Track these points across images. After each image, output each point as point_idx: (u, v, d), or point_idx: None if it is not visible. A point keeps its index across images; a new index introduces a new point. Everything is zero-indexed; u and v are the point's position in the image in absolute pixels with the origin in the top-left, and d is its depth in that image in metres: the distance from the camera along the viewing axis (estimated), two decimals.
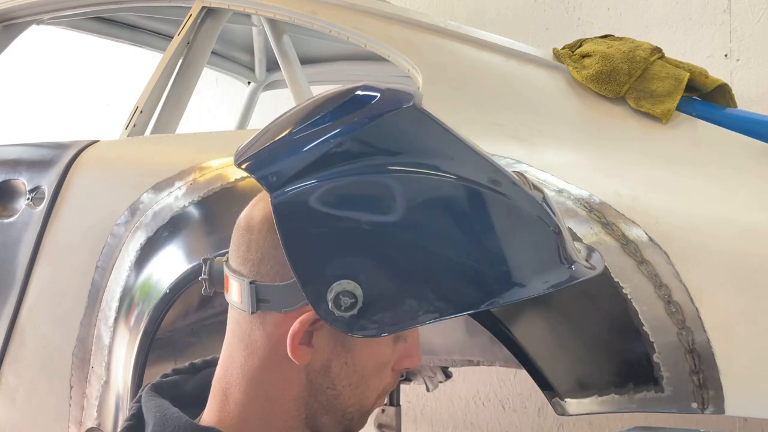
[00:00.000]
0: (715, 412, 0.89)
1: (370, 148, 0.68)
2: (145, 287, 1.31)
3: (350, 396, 0.73)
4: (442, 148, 0.71)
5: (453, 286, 0.67)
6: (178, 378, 0.82)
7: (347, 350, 0.71)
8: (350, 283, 0.65)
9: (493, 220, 0.69)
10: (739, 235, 0.94)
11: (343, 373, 0.72)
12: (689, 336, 0.91)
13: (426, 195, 0.68)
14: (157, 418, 0.73)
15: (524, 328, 0.96)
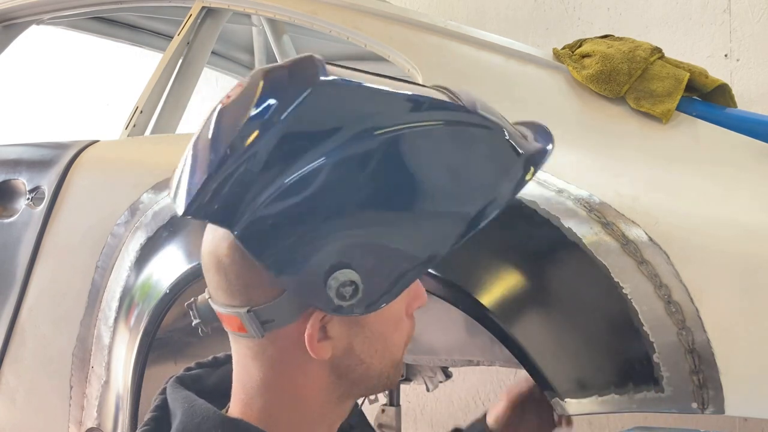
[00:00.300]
0: (715, 412, 0.89)
1: (301, 142, 0.66)
2: (145, 287, 1.31)
3: (380, 360, 0.74)
4: (365, 107, 0.69)
5: (433, 229, 0.68)
6: (201, 372, 0.82)
7: (363, 325, 0.72)
8: (344, 273, 0.65)
9: (444, 153, 0.70)
10: (739, 235, 0.94)
11: (367, 347, 0.72)
12: (689, 336, 0.91)
13: (375, 160, 0.67)
14: (186, 408, 0.73)
15: (524, 328, 0.96)
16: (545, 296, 0.98)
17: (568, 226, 0.97)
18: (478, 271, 1.00)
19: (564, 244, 0.97)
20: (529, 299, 0.98)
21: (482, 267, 1.00)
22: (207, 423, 0.71)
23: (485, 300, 0.97)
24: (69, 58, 3.61)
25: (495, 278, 0.99)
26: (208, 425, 0.71)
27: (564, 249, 0.97)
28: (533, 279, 0.99)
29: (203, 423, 0.71)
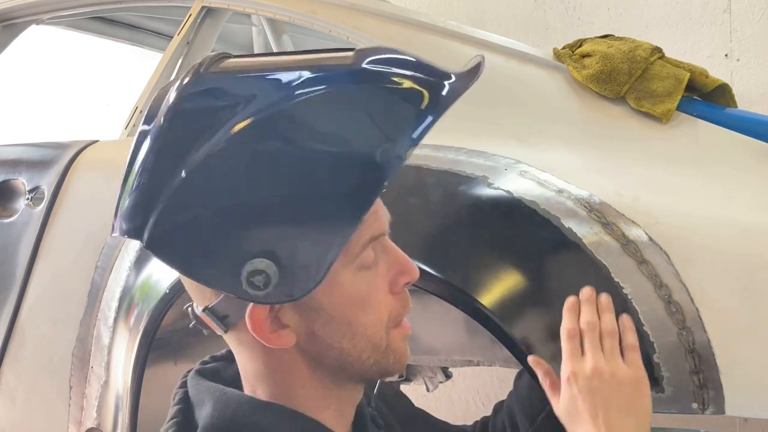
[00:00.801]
0: (716, 412, 0.89)
1: (177, 147, 0.66)
2: (144, 287, 1.31)
3: (354, 345, 0.71)
4: (246, 95, 0.68)
5: (335, 200, 0.65)
6: (218, 365, 0.82)
7: (317, 310, 0.70)
8: (252, 263, 0.63)
9: (328, 119, 0.67)
10: (739, 235, 0.94)
11: (330, 331, 0.70)
12: (689, 336, 0.91)
13: (252, 146, 0.65)
14: (217, 396, 0.73)
15: (524, 329, 0.96)
16: (545, 296, 0.98)
17: (568, 226, 0.97)
18: (478, 271, 1.00)
19: (564, 244, 0.97)
20: (529, 299, 0.98)
21: (482, 267, 1.00)
22: (242, 408, 0.72)
23: (485, 300, 0.97)
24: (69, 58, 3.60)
25: (495, 278, 0.99)
26: (243, 410, 0.71)
27: (564, 249, 0.97)
28: (533, 279, 0.99)
29: (238, 409, 0.72)
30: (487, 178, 1.05)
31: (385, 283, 0.73)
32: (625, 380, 0.84)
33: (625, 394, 0.83)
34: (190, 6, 1.70)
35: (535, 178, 1.03)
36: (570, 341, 0.87)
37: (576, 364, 0.86)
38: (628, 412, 0.82)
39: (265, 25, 2.30)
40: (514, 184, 1.03)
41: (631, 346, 0.88)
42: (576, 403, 0.84)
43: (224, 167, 0.65)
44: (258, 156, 0.65)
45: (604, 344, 0.87)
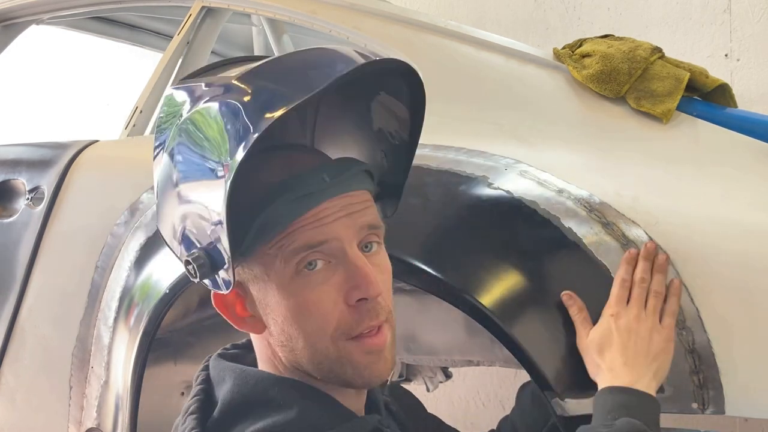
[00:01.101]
0: (716, 412, 0.89)
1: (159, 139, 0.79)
2: (144, 287, 1.31)
3: (303, 348, 0.75)
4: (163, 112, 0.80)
5: (204, 195, 0.72)
6: (238, 351, 0.86)
7: (266, 305, 0.75)
8: (183, 255, 0.74)
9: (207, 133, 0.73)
10: (739, 235, 0.94)
11: (278, 329, 0.75)
12: (689, 336, 0.91)
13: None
14: (238, 374, 0.78)
15: (524, 328, 0.96)
16: (545, 296, 0.98)
17: (568, 226, 0.97)
18: (478, 272, 1.00)
19: (564, 244, 0.97)
20: (529, 299, 0.98)
21: (482, 267, 1.00)
22: (262, 383, 0.76)
23: (485, 300, 0.97)
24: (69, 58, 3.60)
25: (495, 278, 0.99)
26: (264, 385, 0.76)
27: (564, 249, 0.97)
28: (533, 279, 0.99)
29: (258, 384, 0.76)
30: (487, 178, 1.05)
31: (338, 293, 0.74)
32: (657, 337, 0.89)
33: (655, 345, 0.89)
34: (190, 6, 1.70)
35: (535, 178, 1.03)
36: (621, 288, 0.92)
37: (620, 308, 0.91)
38: (654, 359, 0.88)
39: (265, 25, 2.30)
40: (514, 184, 1.03)
41: (671, 311, 0.91)
42: (611, 336, 0.90)
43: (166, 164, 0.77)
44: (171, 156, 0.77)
45: (649, 302, 0.91)
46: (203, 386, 0.81)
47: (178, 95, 0.78)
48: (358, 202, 0.75)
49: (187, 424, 0.75)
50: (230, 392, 0.76)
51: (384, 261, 0.79)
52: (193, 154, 0.73)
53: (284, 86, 0.71)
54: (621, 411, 0.82)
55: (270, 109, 0.68)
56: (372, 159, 0.83)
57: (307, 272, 0.73)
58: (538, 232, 0.99)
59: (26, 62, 3.57)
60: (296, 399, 0.74)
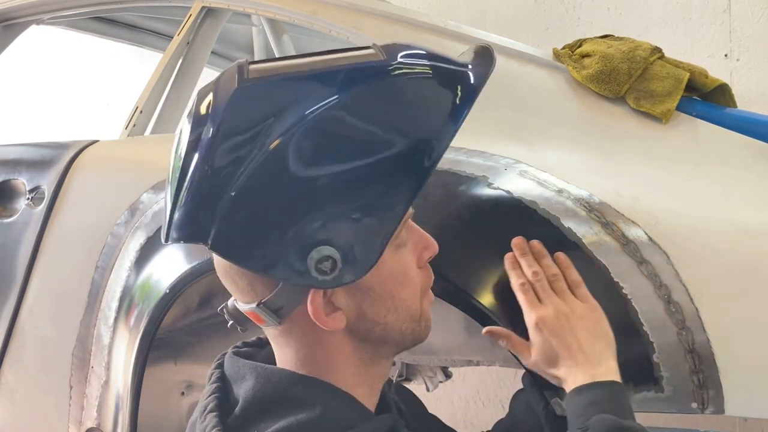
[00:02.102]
0: (715, 412, 0.89)
1: (237, 150, 0.69)
2: (145, 287, 1.31)
3: (395, 317, 0.78)
4: (287, 97, 0.71)
5: (387, 186, 0.70)
6: (251, 350, 0.86)
7: (366, 290, 0.76)
8: (318, 251, 0.69)
9: (371, 112, 0.71)
10: (739, 235, 0.94)
11: (377, 308, 0.77)
12: (689, 336, 0.91)
13: (309, 142, 0.69)
14: (259, 372, 0.77)
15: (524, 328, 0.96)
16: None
17: (568, 226, 0.97)
18: (478, 271, 1.00)
19: (564, 244, 0.97)
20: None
21: (482, 267, 1.00)
22: (285, 382, 0.76)
23: (485, 300, 0.97)
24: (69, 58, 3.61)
25: (495, 278, 0.99)
26: (286, 383, 0.76)
27: (564, 249, 0.97)
28: None
29: (282, 382, 0.76)
30: (487, 178, 1.05)
31: (413, 259, 0.80)
32: (584, 313, 0.90)
33: (587, 323, 0.89)
34: (190, 6, 1.70)
35: (535, 178, 1.04)
36: (525, 294, 0.93)
37: (538, 312, 0.91)
38: (596, 337, 0.89)
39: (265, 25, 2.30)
40: (513, 184, 1.03)
41: (576, 282, 0.93)
42: (550, 345, 0.89)
43: (279, 168, 0.69)
44: (313, 157, 0.69)
45: (554, 287, 0.93)
46: (219, 384, 0.81)
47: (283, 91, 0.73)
48: None
49: (208, 422, 0.75)
50: (252, 390, 0.76)
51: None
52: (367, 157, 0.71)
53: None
54: (590, 410, 0.83)
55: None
56: None
57: (402, 245, 0.78)
58: (538, 231, 0.99)
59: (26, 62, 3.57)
60: (320, 398, 0.75)
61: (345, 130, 0.70)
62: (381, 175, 0.70)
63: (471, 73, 0.77)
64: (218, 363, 0.84)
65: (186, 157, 0.72)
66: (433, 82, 0.75)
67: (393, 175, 0.71)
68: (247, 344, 0.88)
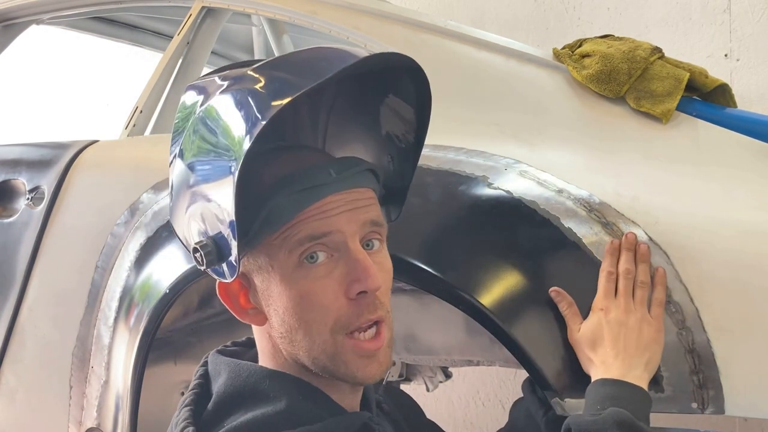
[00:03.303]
0: (715, 412, 0.89)
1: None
2: (144, 287, 1.31)
3: (300, 339, 0.76)
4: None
5: (217, 190, 0.73)
6: (237, 349, 0.88)
7: (268, 297, 0.76)
8: (191, 245, 0.76)
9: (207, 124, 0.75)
10: (739, 235, 0.94)
11: (279, 320, 0.76)
12: (689, 336, 0.91)
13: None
14: (232, 367, 0.80)
15: (524, 328, 0.96)
16: (545, 296, 0.98)
17: (568, 226, 0.97)
18: (478, 271, 1.00)
19: (564, 244, 0.97)
20: (528, 299, 0.98)
21: (482, 267, 1.00)
22: (254, 376, 0.78)
23: (485, 300, 0.97)
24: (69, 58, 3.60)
25: (495, 278, 0.99)
26: (255, 378, 0.78)
27: (564, 249, 0.97)
28: (533, 279, 0.99)
29: (251, 377, 0.78)
30: (487, 178, 1.05)
31: (339, 287, 0.75)
32: (647, 327, 0.90)
33: (645, 337, 0.90)
34: (190, 6, 1.70)
35: (535, 178, 1.03)
36: (606, 281, 0.93)
37: (609, 302, 0.92)
38: (645, 350, 0.89)
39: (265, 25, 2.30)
40: (513, 184, 1.03)
41: (658, 300, 0.92)
42: (602, 330, 0.91)
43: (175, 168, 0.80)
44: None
45: (636, 293, 0.93)
46: (201, 380, 0.83)
47: (189, 97, 0.80)
48: (362, 198, 0.77)
49: (181, 415, 0.77)
50: (224, 385, 0.78)
51: (385, 260, 0.80)
52: (207, 151, 0.74)
53: (295, 75, 0.72)
54: (609, 402, 0.83)
55: (279, 98, 0.69)
56: (379, 163, 0.86)
57: (309, 264, 0.74)
58: (538, 232, 0.99)
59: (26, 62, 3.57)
60: (286, 392, 0.76)
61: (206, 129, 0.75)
62: (208, 180, 0.74)
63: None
64: (204, 361, 0.85)
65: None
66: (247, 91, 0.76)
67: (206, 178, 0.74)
68: (236, 344, 0.89)
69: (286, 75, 0.73)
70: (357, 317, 0.75)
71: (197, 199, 0.75)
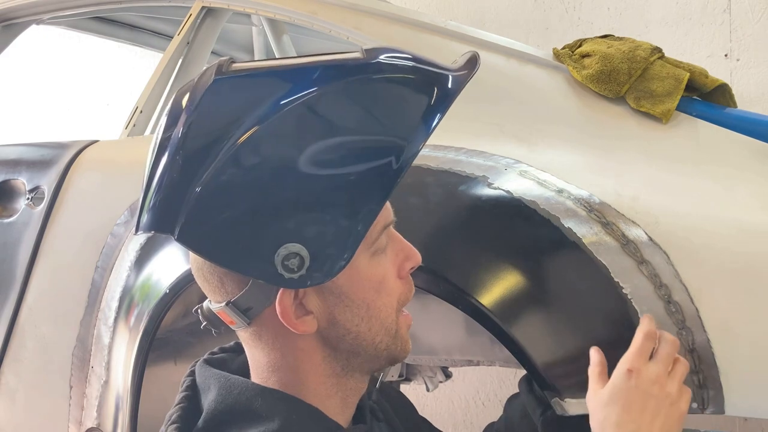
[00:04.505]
0: (715, 412, 0.89)
1: (208, 142, 0.69)
2: (144, 287, 1.31)
3: (369, 328, 0.75)
4: (265, 89, 0.71)
5: (358, 187, 0.69)
6: (225, 356, 0.85)
7: (339, 295, 0.74)
8: (286, 247, 0.67)
9: (347, 108, 0.70)
10: (739, 235, 0.94)
11: (349, 315, 0.74)
12: (689, 336, 0.91)
13: (281, 136, 0.69)
14: (222, 383, 0.77)
15: (524, 328, 0.96)
16: (545, 296, 0.98)
17: (568, 226, 0.97)
18: (478, 271, 1.00)
19: (564, 244, 0.97)
20: (528, 299, 0.98)
21: (482, 267, 1.00)
22: (246, 393, 0.75)
23: (485, 300, 0.97)
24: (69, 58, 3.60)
25: (495, 278, 0.99)
26: (247, 395, 0.75)
27: (564, 249, 0.97)
28: (533, 279, 0.99)
29: (242, 394, 0.75)
30: (487, 178, 1.05)
31: (393, 268, 0.77)
32: (675, 405, 0.82)
33: (671, 414, 0.81)
34: (190, 6, 1.70)
35: (535, 178, 1.03)
36: (646, 341, 0.84)
37: (642, 363, 0.82)
38: (668, 429, 0.81)
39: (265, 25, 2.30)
40: (513, 183, 1.03)
41: (687, 387, 0.85)
42: (628, 395, 0.81)
43: (251, 165, 0.68)
44: (283, 152, 0.68)
45: (676, 367, 0.84)
46: (188, 393, 0.80)
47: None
48: None
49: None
50: (214, 402, 0.75)
51: None
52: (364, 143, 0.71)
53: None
54: None
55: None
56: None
57: (381, 252, 0.76)
58: (538, 231, 0.99)
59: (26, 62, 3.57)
60: (279, 411, 0.73)
61: (317, 126, 0.69)
62: (351, 179, 0.69)
63: (450, 76, 0.75)
64: (191, 370, 0.83)
65: (160, 147, 0.71)
66: (410, 81, 0.74)
67: (362, 175, 0.69)
68: (224, 350, 0.86)
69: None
70: (409, 293, 0.80)
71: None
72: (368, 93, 0.72)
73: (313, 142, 0.68)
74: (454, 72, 0.76)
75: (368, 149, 0.70)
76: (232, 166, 0.68)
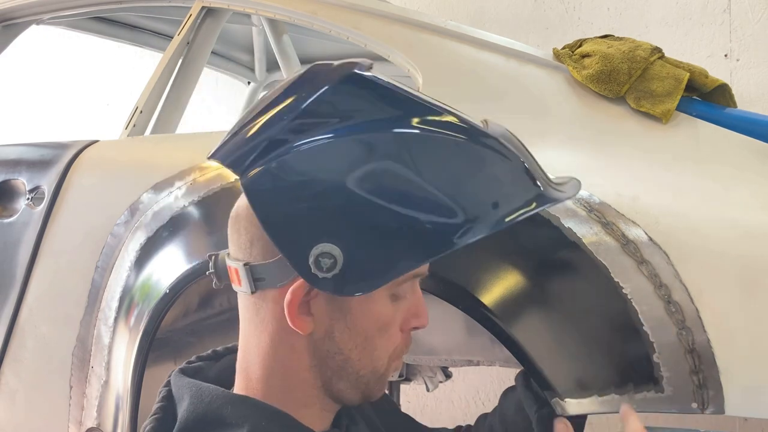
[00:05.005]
0: (715, 412, 0.89)
1: (318, 117, 0.72)
2: (145, 287, 1.31)
3: (359, 359, 0.76)
4: (391, 105, 0.74)
5: (423, 231, 0.70)
6: (202, 364, 0.86)
7: (345, 314, 0.74)
8: (327, 245, 0.69)
9: (448, 161, 0.72)
10: (739, 235, 0.94)
11: (347, 337, 0.75)
12: (689, 336, 0.91)
13: (382, 150, 0.71)
14: (194, 392, 0.77)
15: (524, 328, 0.96)
16: (545, 296, 0.98)
17: (568, 226, 0.97)
18: (478, 271, 1.00)
19: (564, 244, 0.97)
20: (529, 299, 0.98)
21: (482, 267, 1.00)
22: (216, 402, 0.75)
23: (485, 300, 0.97)
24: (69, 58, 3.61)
25: (495, 278, 0.99)
26: (218, 403, 0.75)
27: (564, 249, 0.97)
28: (533, 279, 0.99)
29: (213, 402, 0.75)
30: None
31: (399, 319, 0.78)
32: None
33: None
34: (190, 6, 1.70)
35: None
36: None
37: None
38: None
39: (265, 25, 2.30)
40: None
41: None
42: None
43: (340, 155, 0.71)
44: (379, 160, 0.70)
45: None
46: (163, 404, 0.81)
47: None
48: None
49: None
50: (186, 411, 0.76)
51: None
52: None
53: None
54: None
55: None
56: None
57: (398, 298, 0.77)
58: (538, 231, 0.99)
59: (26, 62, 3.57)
60: (248, 417, 0.74)
61: (415, 161, 0.71)
62: (415, 222, 0.70)
63: (549, 188, 0.78)
64: (167, 380, 0.83)
65: (279, 96, 0.74)
66: (514, 171, 0.76)
67: (425, 228, 0.70)
68: (201, 358, 0.87)
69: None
70: (405, 347, 0.80)
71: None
72: (475, 160, 0.74)
73: (402, 174, 0.71)
74: (552, 187, 0.78)
75: (443, 209, 0.71)
76: (327, 152, 0.70)
